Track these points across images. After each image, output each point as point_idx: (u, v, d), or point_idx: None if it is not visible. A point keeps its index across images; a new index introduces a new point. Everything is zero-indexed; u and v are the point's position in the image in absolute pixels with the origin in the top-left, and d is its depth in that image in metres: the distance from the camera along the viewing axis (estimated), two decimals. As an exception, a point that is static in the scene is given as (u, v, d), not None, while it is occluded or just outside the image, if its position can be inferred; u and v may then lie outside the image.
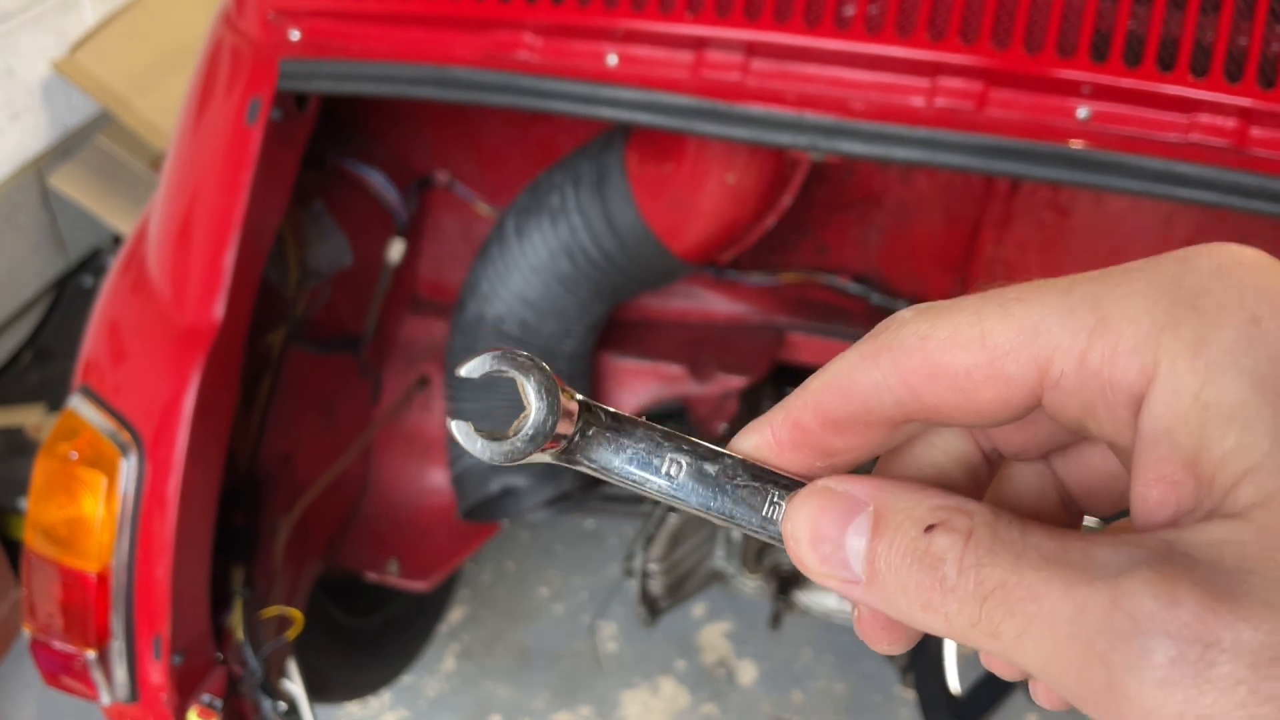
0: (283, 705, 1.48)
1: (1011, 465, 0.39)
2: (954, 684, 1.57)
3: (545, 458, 0.38)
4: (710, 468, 0.37)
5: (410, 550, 1.95)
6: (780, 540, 0.36)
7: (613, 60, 1.30)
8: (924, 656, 1.59)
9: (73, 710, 2.34)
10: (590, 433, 0.38)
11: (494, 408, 1.77)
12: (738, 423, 2.01)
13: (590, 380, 1.91)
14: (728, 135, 1.24)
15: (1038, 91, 1.18)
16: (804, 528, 0.34)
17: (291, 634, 1.52)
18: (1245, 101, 1.12)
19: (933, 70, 1.20)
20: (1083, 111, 1.17)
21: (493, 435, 0.37)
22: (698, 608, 2.55)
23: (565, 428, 0.37)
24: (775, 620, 1.85)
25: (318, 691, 1.84)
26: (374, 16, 1.38)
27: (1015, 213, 1.81)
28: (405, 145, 1.95)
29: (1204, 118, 1.14)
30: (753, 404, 1.97)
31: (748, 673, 2.44)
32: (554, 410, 0.37)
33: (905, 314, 0.34)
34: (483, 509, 1.83)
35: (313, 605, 1.81)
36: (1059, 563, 0.28)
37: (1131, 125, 1.16)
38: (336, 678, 2.00)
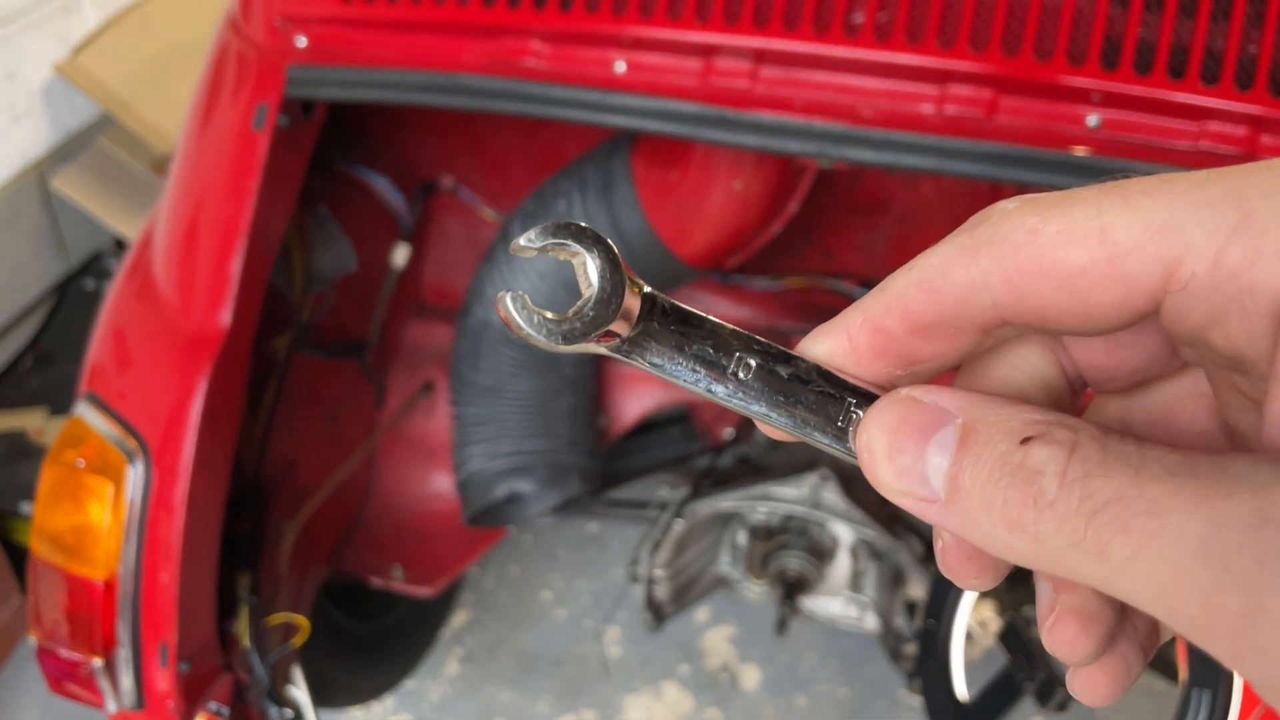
0: (289, 713, 1.48)
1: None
2: (961, 690, 1.56)
3: (602, 349, 0.34)
4: (783, 370, 0.34)
5: (415, 556, 1.95)
6: (854, 455, 0.33)
7: (621, 67, 1.29)
8: (931, 662, 1.59)
9: (75, 716, 2.34)
10: (653, 325, 0.35)
11: (499, 413, 1.77)
12: (742, 427, 2.01)
13: (596, 384, 1.91)
14: (736, 143, 1.23)
15: (1048, 99, 1.18)
16: (881, 438, 0.31)
17: (298, 641, 1.52)
18: (1256, 109, 1.11)
19: (942, 78, 1.20)
20: (1093, 119, 1.17)
21: (549, 315, 0.34)
22: (701, 612, 2.55)
23: (626, 318, 0.34)
24: (781, 625, 1.85)
25: (321, 696, 1.84)
26: (381, 23, 1.38)
27: (1021, 218, 1.81)
28: (410, 151, 1.95)
29: (1214, 125, 1.14)
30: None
31: (751, 677, 2.44)
32: (618, 292, 0.33)
33: (1008, 205, 0.30)
34: (488, 514, 1.83)
35: (317, 610, 1.81)
36: (1188, 475, 0.25)
37: (1142, 133, 1.16)
38: (340, 682, 2.00)
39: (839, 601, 1.95)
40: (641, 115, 1.26)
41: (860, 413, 0.33)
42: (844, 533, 1.88)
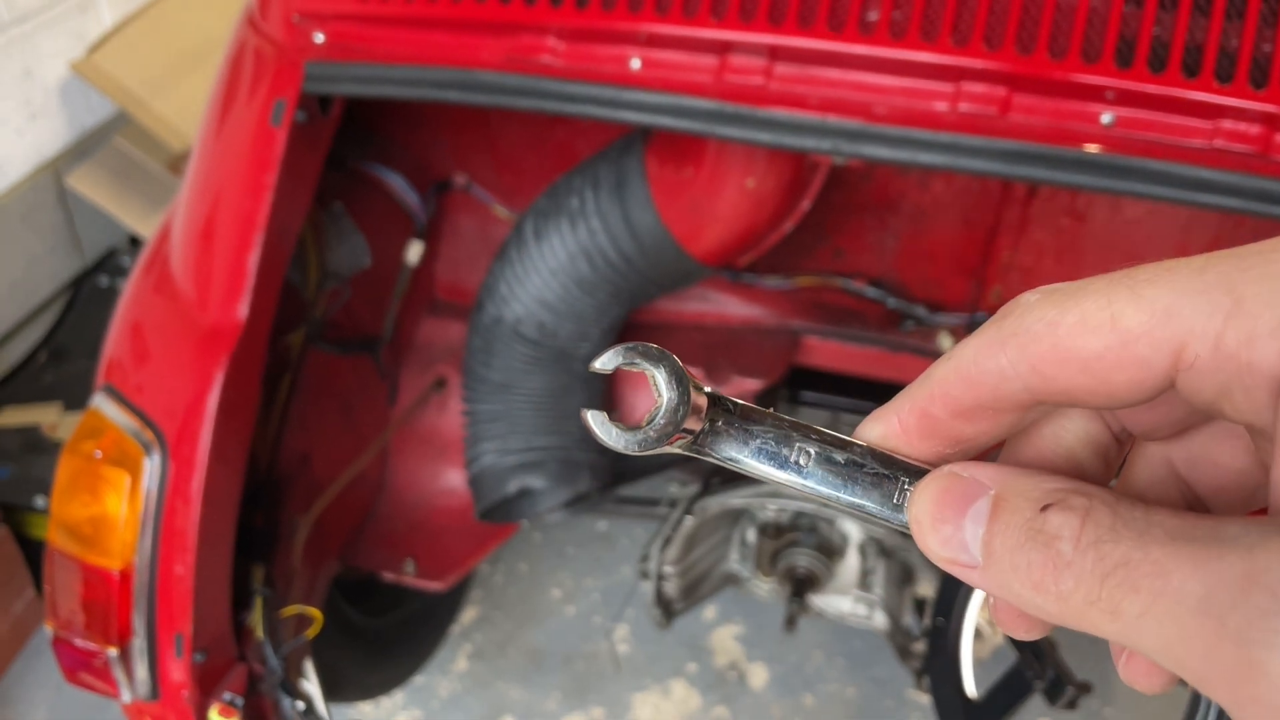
0: (301, 704, 1.49)
1: (1132, 466, 0.38)
2: (970, 688, 1.57)
3: (674, 449, 0.38)
4: (839, 456, 0.38)
5: (427, 550, 1.96)
6: (908, 527, 0.36)
7: (636, 64, 1.30)
8: (940, 660, 1.60)
9: (86, 709, 2.35)
10: (719, 424, 0.39)
11: (511, 409, 1.78)
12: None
13: (607, 382, 1.91)
14: (751, 139, 1.24)
15: (1061, 97, 1.18)
16: (926, 511, 0.34)
17: (311, 633, 1.53)
18: (1269, 107, 1.12)
19: (956, 75, 1.21)
20: (1106, 117, 1.17)
21: (625, 426, 0.38)
22: (709, 610, 2.56)
23: (694, 420, 0.38)
24: (790, 623, 1.86)
25: (332, 691, 1.85)
26: (398, 20, 1.39)
27: (1032, 218, 1.82)
28: (424, 148, 1.96)
29: (1228, 124, 1.14)
30: (767, 407, 1.98)
31: (759, 676, 2.44)
32: (685, 400, 0.37)
33: (1029, 298, 0.33)
34: (499, 510, 1.83)
35: (328, 605, 1.82)
36: (1187, 538, 0.28)
37: (1155, 131, 1.16)
38: (350, 677, 2.01)
39: (848, 599, 1.96)
40: (656, 111, 1.27)
41: (911, 489, 0.37)
42: (853, 530, 1.89)
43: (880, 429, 0.37)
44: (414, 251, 1.91)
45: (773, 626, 2.50)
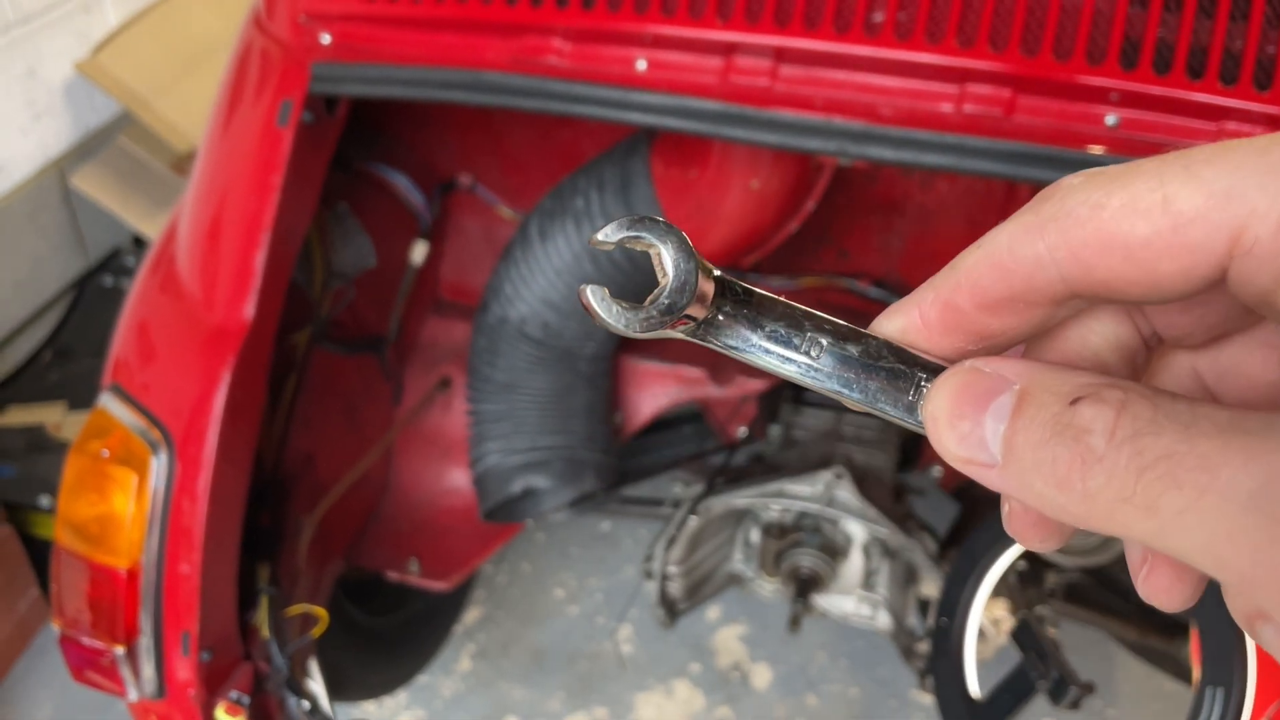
0: (306, 704, 1.49)
1: (1156, 375, 0.36)
2: (974, 688, 1.57)
3: (678, 333, 0.36)
4: (853, 348, 0.35)
5: (431, 550, 1.97)
6: (923, 428, 0.34)
7: (642, 65, 1.31)
8: (944, 660, 1.60)
9: (90, 708, 2.35)
10: (726, 309, 0.36)
11: (516, 409, 1.78)
12: (756, 425, 2.01)
13: (611, 381, 1.92)
14: (756, 140, 1.25)
15: (1066, 98, 1.19)
16: (943, 407, 0.32)
17: (316, 632, 1.53)
18: (1273, 109, 1.12)
19: (961, 76, 1.21)
20: (1111, 118, 1.18)
21: (627, 304, 0.35)
22: (712, 610, 2.56)
23: (701, 303, 0.35)
24: (794, 623, 1.86)
25: (335, 690, 1.85)
26: (405, 21, 1.39)
27: (1036, 219, 1.82)
28: (430, 149, 1.96)
29: (1232, 125, 1.14)
30: (771, 407, 1.98)
31: (762, 676, 2.44)
32: (691, 279, 0.35)
33: (1073, 180, 0.30)
34: (504, 509, 1.84)
35: (332, 604, 1.82)
36: (1238, 430, 0.26)
37: (1159, 132, 1.17)
38: (354, 677, 2.01)
39: (851, 600, 1.96)
40: (662, 113, 1.27)
41: (929, 386, 0.35)
42: (857, 531, 1.89)
43: (900, 322, 0.35)
44: (419, 252, 1.91)
45: (776, 627, 2.51)
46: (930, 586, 1.82)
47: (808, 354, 0.36)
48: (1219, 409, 0.27)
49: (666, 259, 0.35)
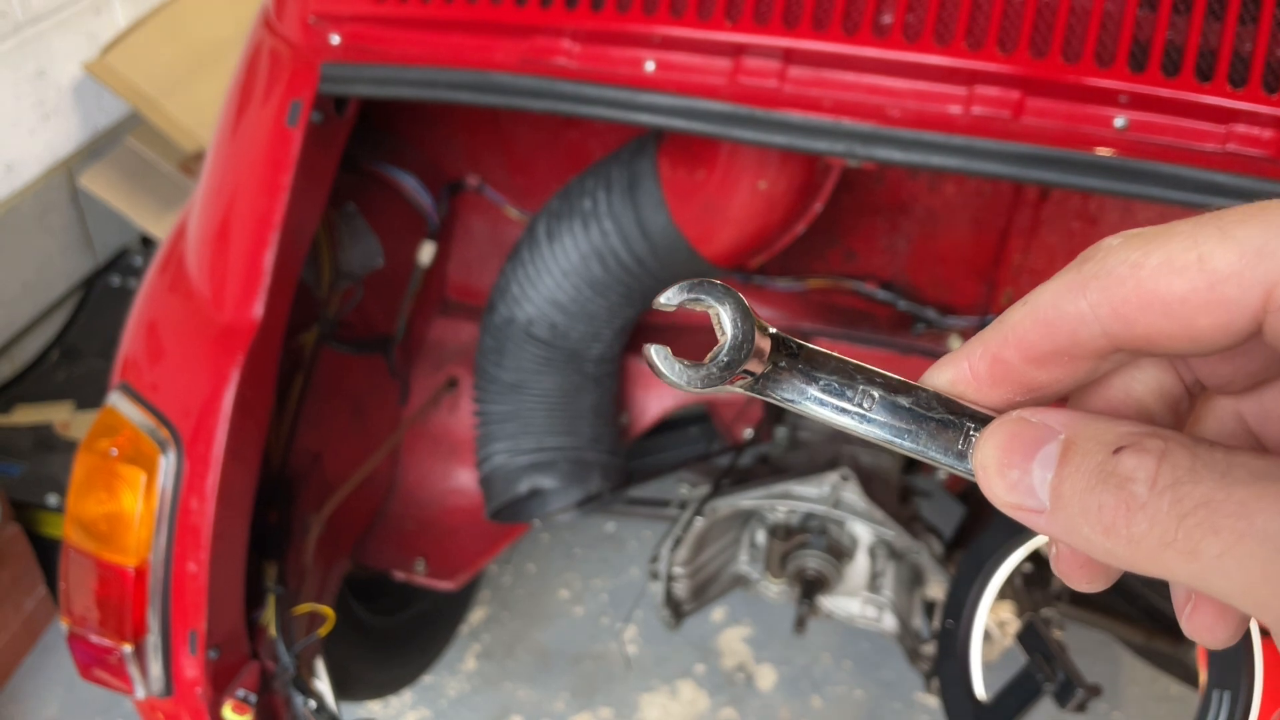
0: (313, 702, 1.49)
1: (1200, 419, 0.38)
2: (980, 691, 1.57)
3: (737, 389, 0.38)
4: (904, 400, 0.37)
5: (437, 550, 1.97)
6: (974, 475, 0.35)
7: (650, 66, 1.31)
8: (950, 662, 1.60)
9: (97, 705, 2.36)
10: (782, 365, 0.38)
11: (522, 410, 1.79)
12: (762, 426, 2.02)
13: (618, 382, 1.92)
14: (765, 141, 1.25)
15: (1075, 100, 1.19)
16: (993, 456, 0.33)
17: (323, 631, 1.53)
18: (1283, 112, 1.12)
19: (970, 78, 1.21)
20: (1120, 121, 1.18)
21: (688, 362, 0.37)
22: (717, 612, 2.56)
23: (757, 359, 0.37)
24: (799, 625, 1.86)
25: (341, 689, 1.86)
26: (414, 22, 1.39)
27: (1043, 221, 1.82)
28: (437, 150, 1.97)
29: (1241, 128, 1.14)
30: (776, 409, 1.98)
31: (767, 677, 2.44)
32: (749, 338, 0.37)
33: (1112, 241, 0.32)
34: (510, 510, 1.84)
35: (338, 603, 1.83)
36: (1273, 478, 0.27)
37: (1169, 135, 1.17)
38: (360, 676, 2.02)
39: (857, 601, 1.96)
40: (670, 114, 1.28)
41: (978, 435, 0.36)
42: (863, 532, 1.89)
43: (950, 374, 0.37)
44: (426, 252, 1.92)
45: (781, 628, 2.51)
46: (936, 588, 1.82)
47: (860, 405, 0.38)
48: (1255, 457, 0.29)
49: (725, 319, 0.37)
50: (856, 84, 1.25)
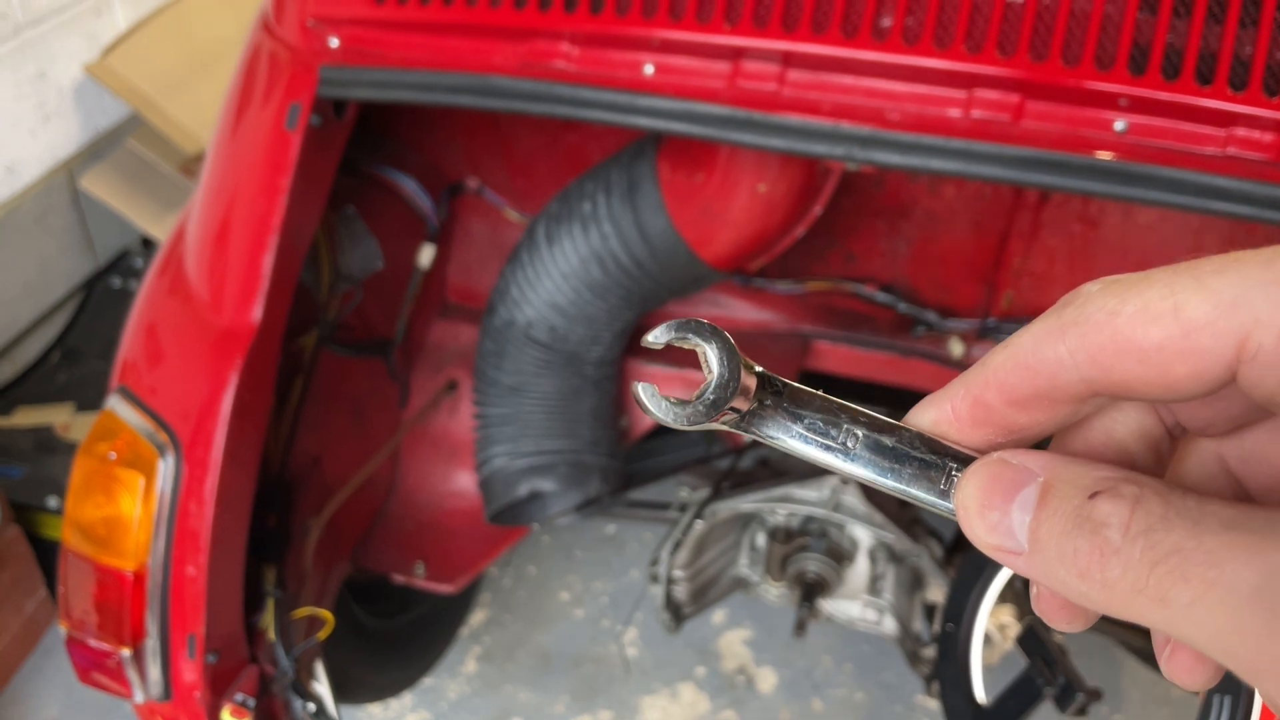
0: (312, 706, 1.49)
1: (1182, 461, 0.38)
2: (980, 694, 1.57)
3: (723, 425, 0.38)
4: (888, 440, 0.38)
5: (437, 553, 1.97)
6: (955, 514, 0.36)
7: (649, 70, 1.31)
8: (950, 665, 1.59)
9: (96, 709, 2.36)
10: (767, 403, 0.39)
11: (522, 412, 1.79)
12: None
13: (617, 385, 1.92)
14: (764, 145, 1.24)
15: (1074, 104, 1.18)
16: (974, 497, 0.34)
17: (323, 635, 1.53)
18: (1283, 116, 1.12)
19: (969, 82, 1.21)
20: (1120, 124, 1.17)
21: (675, 400, 0.38)
22: (718, 614, 2.56)
23: (743, 399, 0.38)
24: (800, 628, 1.86)
25: (341, 692, 1.85)
26: (413, 25, 1.39)
27: (1044, 224, 1.82)
28: (437, 152, 1.97)
29: (1241, 131, 1.14)
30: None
31: (767, 680, 2.44)
32: (735, 377, 0.37)
33: (1091, 288, 0.33)
34: (509, 513, 1.84)
35: (338, 606, 1.82)
36: (1242, 528, 0.28)
37: (1169, 138, 1.16)
38: (359, 678, 2.02)
39: (857, 604, 1.96)
40: (669, 117, 1.27)
41: (959, 476, 0.37)
42: (863, 535, 1.89)
43: (932, 415, 0.37)
44: (426, 255, 1.92)
45: (782, 631, 2.50)
46: (936, 592, 1.82)
47: (844, 444, 0.38)
48: (1226, 506, 0.29)
49: (711, 358, 0.38)
50: (856, 87, 1.25)
